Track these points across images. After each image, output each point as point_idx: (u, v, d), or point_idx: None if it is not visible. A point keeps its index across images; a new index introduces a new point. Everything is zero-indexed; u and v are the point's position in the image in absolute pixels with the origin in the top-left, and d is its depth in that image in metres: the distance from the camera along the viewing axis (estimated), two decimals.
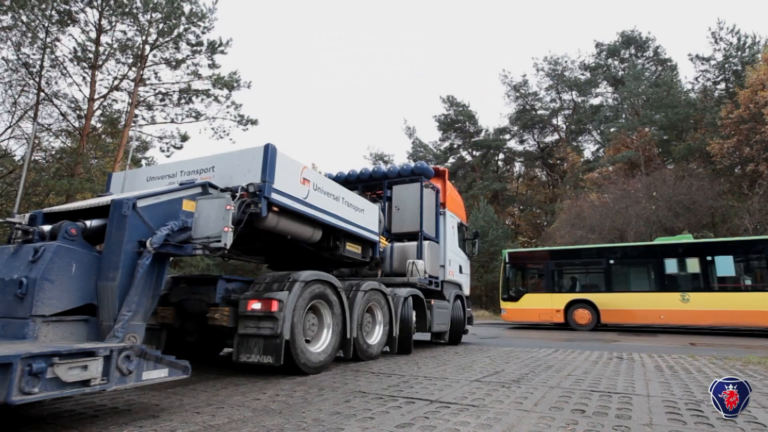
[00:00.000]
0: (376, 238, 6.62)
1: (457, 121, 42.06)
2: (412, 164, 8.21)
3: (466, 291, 9.78)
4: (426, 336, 8.47)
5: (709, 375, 4.91)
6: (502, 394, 3.74)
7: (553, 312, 15.51)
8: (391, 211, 7.97)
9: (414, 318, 7.02)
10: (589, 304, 15.04)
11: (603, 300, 14.94)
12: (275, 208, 4.51)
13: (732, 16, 64.34)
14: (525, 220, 39.46)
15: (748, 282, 13.79)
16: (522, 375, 4.81)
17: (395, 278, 7.40)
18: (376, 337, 6.13)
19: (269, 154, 4.43)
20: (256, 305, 4.35)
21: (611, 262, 15.55)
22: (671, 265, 14.55)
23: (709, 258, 14.10)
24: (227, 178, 4.47)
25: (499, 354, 7.03)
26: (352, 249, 6.21)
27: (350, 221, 5.89)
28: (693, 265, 14.28)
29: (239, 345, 4.38)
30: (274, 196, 4.42)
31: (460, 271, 9.44)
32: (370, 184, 8.44)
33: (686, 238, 15.75)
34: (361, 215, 6.24)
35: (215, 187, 4.20)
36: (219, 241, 3.60)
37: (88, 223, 3.40)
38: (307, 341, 4.78)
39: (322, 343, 4.97)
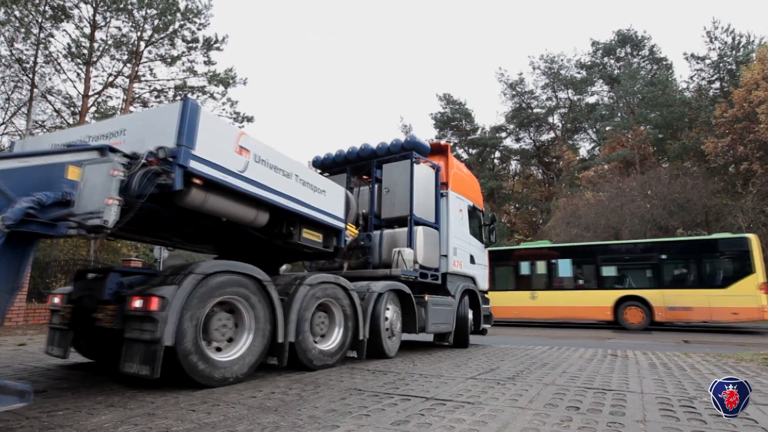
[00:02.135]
0: (340, 224, 5.67)
1: (454, 119, 42.13)
2: (403, 139, 7.22)
3: (483, 285, 8.57)
4: (429, 338, 7.90)
5: (702, 372, 4.95)
6: (497, 391, 3.75)
7: None
8: (381, 194, 7.08)
9: (390, 316, 6.03)
10: None
11: None
12: (197, 181, 3.70)
13: (727, 16, 64.68)
14: (521, 218, 39.66)
15: (582, 282, 15.87)
16: (517, 372, 4.83)
17: (377, 270, 6.54)
18: (333, 340, 5.16)
19: (188, 112, 3.58)
20: (138, 303, 3.51)
21: None
22: (525, 267, 16.61)
23: (553, 261, 16.12)
24: (139, 142, 3.67)
25: (494, 351, 7.05)
26: (311, 237, 5.29)
27: (306, 203, 4.97)
28: (541, 267, 16.39)
29: (125, 351, 3.51)
30: (194, 164, 3.58)
31: (472, 261, 8.15)
32: (359, 164, 7.58)
33: (543, 244, 17.45)
34: (322, 197, 5.30)
35: (117, 152, 3.36)
36: (100, 217, 2.89)
37: None
38: (230, 340, 4.09)
39: (238, 350, 4.03)
